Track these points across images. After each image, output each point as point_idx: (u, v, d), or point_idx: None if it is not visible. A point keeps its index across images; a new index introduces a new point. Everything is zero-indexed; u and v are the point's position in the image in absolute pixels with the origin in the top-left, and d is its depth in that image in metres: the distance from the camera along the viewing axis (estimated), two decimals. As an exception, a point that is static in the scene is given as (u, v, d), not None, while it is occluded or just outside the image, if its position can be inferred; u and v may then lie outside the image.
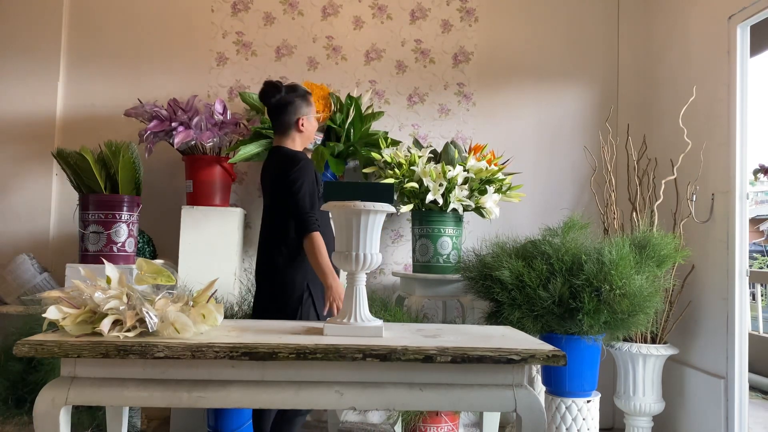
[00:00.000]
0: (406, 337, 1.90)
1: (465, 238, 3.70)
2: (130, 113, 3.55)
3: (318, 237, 2.55)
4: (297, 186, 2.58)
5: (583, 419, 3.03)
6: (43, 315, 1.76)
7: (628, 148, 3.82)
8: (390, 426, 3.60)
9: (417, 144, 3.74)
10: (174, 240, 3.48)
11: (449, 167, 3.34)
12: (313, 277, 2.61)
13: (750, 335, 3.42)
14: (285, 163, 2.65)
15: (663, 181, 3.53)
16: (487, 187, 3.38)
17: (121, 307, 1.77)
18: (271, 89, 2.71)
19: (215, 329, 1.90)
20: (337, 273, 2.62)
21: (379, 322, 1.95)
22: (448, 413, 3.26)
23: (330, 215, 2.25)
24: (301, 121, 2.73)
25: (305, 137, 2.78)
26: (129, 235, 3.31)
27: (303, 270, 2.62)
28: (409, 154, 3.44)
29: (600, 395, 3.15)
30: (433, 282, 3.42)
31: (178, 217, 3.46)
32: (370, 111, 3.72)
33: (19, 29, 3.83)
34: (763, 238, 12.61)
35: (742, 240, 3.17)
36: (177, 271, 3.39)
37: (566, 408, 3.03)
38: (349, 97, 3.60)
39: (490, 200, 3.38)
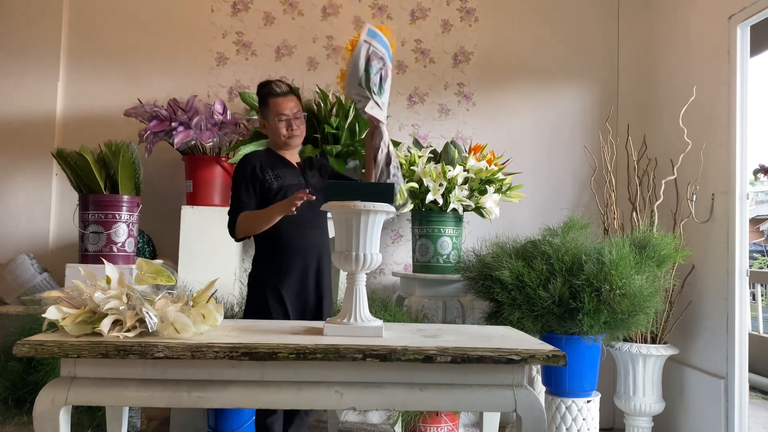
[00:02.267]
0: (406, 337, 1.90)
1: (465, 238, 3.70)
2: (130, 113, 3.54)
3: (239, 219, 2.54)
4: (232, 187, 2.65)
5: (583, 419, 3.03)
6: (43, 315, 1.75)
7: (628, 148, 3.82)
8: (390, 426, 3.60)
9: (417, 144, 3.74)
10: (174, 240, 3.47)
11: (449, 167, 3.34)
12: (278, 274, 2.57)
13: (750, 335, 3.41)
14: None
15: (663, 181, 3.53)
16: (487, 187, 3.38)
17: (121, 307, 1.77)
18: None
19: (215, 329, 1.90)
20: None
21: (379, 322, 1.95)
22: (448, 413, 3.26)
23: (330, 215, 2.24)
24: (261, 123, 2.72)
25: (271, 139, 2.72)
26: (129, 235, 3.31)
27: (266, 267, 2.60)
28: (409, 154, 3.44)
29: (600, 395, 3.15)
30: (433, 282, 3.42)
31: (178, 217, 3.45)
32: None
33: (19, 29, 3.83)
34: (763, 238, 12.62)
35: (742, 240, 3.17)
36: (177, 271, 3.38)
37: (566, 408, 3.03)
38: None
39: (490, 200, 3.38)
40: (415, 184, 3.34)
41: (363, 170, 3.34)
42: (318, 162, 2.82)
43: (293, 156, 2.74)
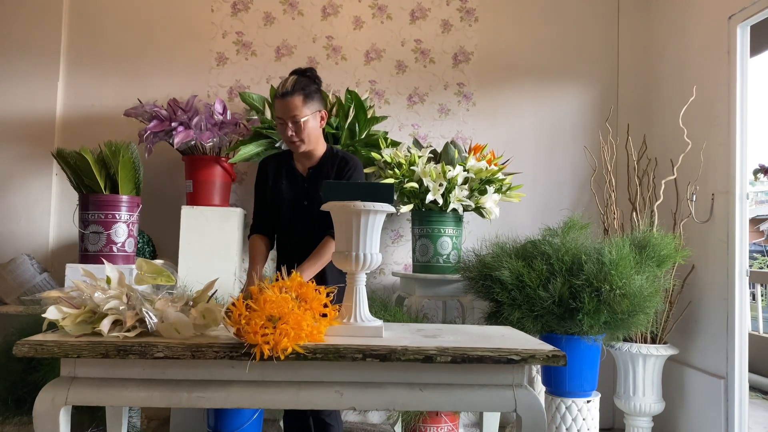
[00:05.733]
0: (406, 337, 1.90)
1: (465, 238, 3.70)
2: (130, 113, 3.55)
3: (249, 241, 2.63)
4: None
5: (583, 419, 3.03)
6: (43, 315, 1.75)
7: (628, 148, 3.82)
8: (390, 426, 3.60)
9: (417, 144, 3.74)
10: (174, 240, 3.47)
11: (449, 167, 3.34)
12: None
13: (750, 335, 3.41)
14: None
15: (663, 181, 3.53)
16: (487, 187, 3.38)
17: (121, 307, 1.77)
18: None
19: (215, 329, 1.90)
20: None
21: (379, 322, 1.94)
22: (448, 413, 3.26)
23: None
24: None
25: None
26: (129, 235, 3.31)
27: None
28: (409, 154, 3.44)
29: (600, 395, 3.14)
30: (433, 282, 3.42)
31: (178, 217, 3.46)
32: (371, 113, 3.72)
33: (19, 29, 3.83)
34: (763, 238, 12.63)
35: (742, 240, 3.17)
36: (177, 271, 3.39)
37: (566, 408, 3.03)
38: (348, 92, 3.59)
39: (490, 200, 3.38)
40: (415, 184, 3.34)
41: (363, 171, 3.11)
42: (338, 163, 2.59)
43: (309, 160, 2.60)
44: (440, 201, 3.31)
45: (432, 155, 3.51)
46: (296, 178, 2.60)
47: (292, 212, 2.57)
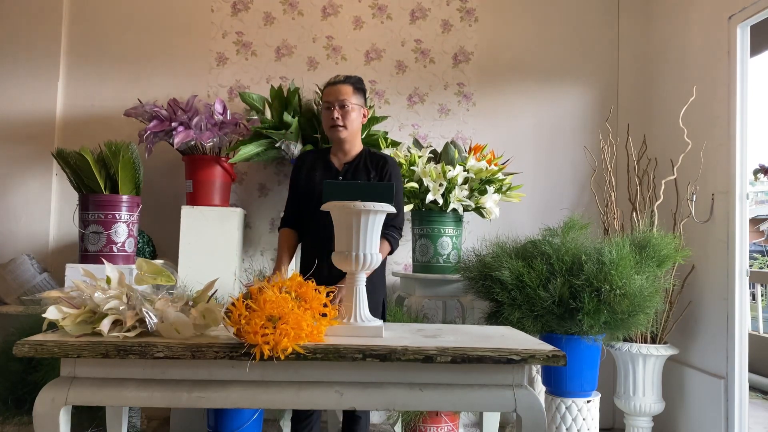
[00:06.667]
0: (406, 337, 1.90)
1: (465, 238, 3.70)
2: (130, 113, 3.55)
3: (279, 234, 2.69)
4: None
5: (583, 419, 3.03)
6: (43, 315, 1.75)
7: (628, 148, 3.82)
8: (390, 426, 3.60)
9: (417, 144, 3.74)
10: (174, 240, 3.47)
11: (449, 167, 3.34)
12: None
13: (750, 335, 3.41)
14: None
15: (663, 181, 3.53)
16: (487, 187, 3.38)
17: (121, 307, 1.77)
18: None
19: (215, 329, 1.90)
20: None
21: (379, 322, 1.95)
22: (448, 413, 3.25)
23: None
24: None
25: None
26: (129, 235, 3.31)
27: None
28: (409, 154, 3.44)
29: (600, 395, 3.14)
30: (433, 282, 3.42)
31: (178, 217, 3.46)
32: (371, 113, 3.72)
33: (19, 29, 3.83)
34: (763, 238, 12.62)
35: (742, 240, 3.17)
36: (177, 271, 3.39)
37: (566, 408, 3.03)
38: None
39: (490, 200, 3.38)
40: (415, 184, 3.34)
41: None
42: (378, 161, 2.62)
43: (345, 156, 2.64)
44: (440, 201, 3.31)
45: (432, 155, 3.51)
46: (331, 170, 2.64)
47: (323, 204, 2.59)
